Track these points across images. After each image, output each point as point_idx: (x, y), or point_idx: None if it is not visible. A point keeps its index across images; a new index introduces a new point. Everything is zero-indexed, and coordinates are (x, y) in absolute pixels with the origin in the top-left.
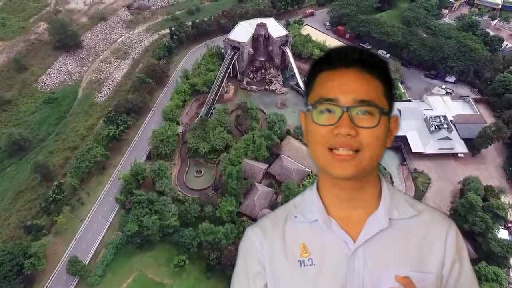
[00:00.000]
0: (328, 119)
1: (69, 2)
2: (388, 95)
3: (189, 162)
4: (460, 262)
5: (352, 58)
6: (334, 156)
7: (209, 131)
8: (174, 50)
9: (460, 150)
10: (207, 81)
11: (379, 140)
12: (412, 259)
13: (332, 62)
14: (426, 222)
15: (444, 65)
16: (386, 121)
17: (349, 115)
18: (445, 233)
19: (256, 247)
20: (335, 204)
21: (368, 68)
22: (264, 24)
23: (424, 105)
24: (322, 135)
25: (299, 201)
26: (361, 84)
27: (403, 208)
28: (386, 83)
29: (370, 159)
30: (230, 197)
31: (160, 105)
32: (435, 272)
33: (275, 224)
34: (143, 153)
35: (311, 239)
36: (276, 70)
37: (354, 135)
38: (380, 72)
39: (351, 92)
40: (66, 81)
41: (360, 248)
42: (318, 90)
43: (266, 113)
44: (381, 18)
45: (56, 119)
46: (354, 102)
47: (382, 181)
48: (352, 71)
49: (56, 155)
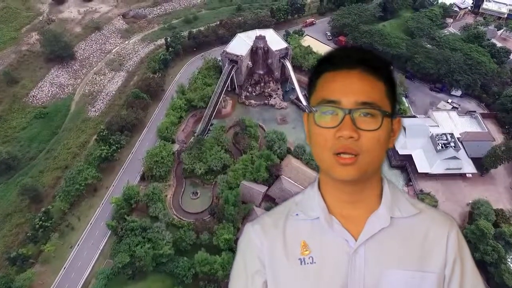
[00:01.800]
0: (330, 121)
1: (62, 11)
2: (391, 96)
3: (185, 183)
4: (462, 261)
5: (355, 59)
6: (338, 160)
7: (206, 150)
8: (170, 63)
9: (468, 170)
10: (204, 96)
11: (380, 143)
12: (413, 258)
13: (335, 62)
14: (427, 221)
15: (450, 79)
16: (388, 123)
17: (351, 118)
18: (447, 232)
19: (255, 244)
20: (336, 202)
21: (371, 69)
22: (263, 36)
23: (429, 121)
24: (325, 139)
25: (300, 199)
26: (364, 86)
27: (405, 207)
28: (389, 83)
29: (371, 162)
30: (228, 223)
31: (155, 121)
32: (437, 271)
33: (275, 221)
34: (136, 174)
35: (312, 237)
36: (276, 83)
37: (356, 138)
38: (383, 73)
39: (353, 94)
40: (59, 94)
41: (362, 246)
42: (320, 92)
43: (266, 130)
44: (383, 29)
45: (48, 135)
46: (356, 104)
47: (384, 180)
48: (355, 72)
49: (46, 175)
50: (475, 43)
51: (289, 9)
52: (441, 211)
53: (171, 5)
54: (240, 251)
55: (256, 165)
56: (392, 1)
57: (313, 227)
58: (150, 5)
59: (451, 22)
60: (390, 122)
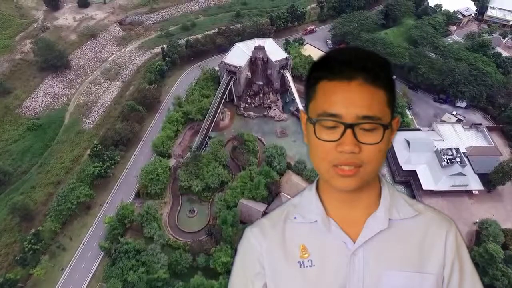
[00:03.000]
0: (331, 135)
1: (57, 17)
2: (391, 102)
3: (181, 200)
4: (461, 262)
5: (356, 66)
6: (338, 171)
7: (203, 166)
8: (167, 72)
9: (474, 187)
10: (202, 109)
11: (382, 152)
12: (412, 259)
13: (334, 71)
14: (426, 223)
15: (455, 90)
16: (389, 133)
17: (352, 132)
18: (445, 233)
19: (255, 247)
20: (334, 205)
21: (372, 78)
22: (262, 47)
23: (434, 135)
24: (325, 151)
25: (298, 201)
26: (365, 99)
27: (403, 209)
28: (389, 86)
29: (373, 171)
30: (226, 245)
31: (151, 134)
32: (435, 272)
33: (274, 224)
34: (131, 190)
35: (311, 240)
36: (275, 94)
37: (357, 152)
38: (384, 80)
39: (355, 108)
40: (52, 105)
41: (360, 249)
42: (320, 103)
43: (265, 144)
44: (386, 37)
45: (40, 148)
46: (358, 118)
47: (382, 181)
48: (355, 83)
49: (38, 191)
50: (480, 52)
51: (289, 16)
52: (440, 213)
53: (168, 11)
54: (239, 254)
55: (255, 182)
56: (394, 8)
57: (312, 230)
58: (147, 12)
59: (455, 30)
60: (391, 128)
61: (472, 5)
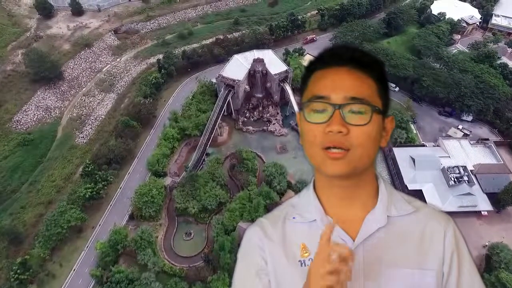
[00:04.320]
0: (320, 117)
1: (51, 26)
2: (383, 95)
3: (177, 222)
4: (459, 257)
5: (345, 56)
6: (328, 154)
7: (200, 187)
8: (163, 85)
9: (483, 208)
10: (199, 124)
11: (371, 138)
12: (411, 256)
13: (325, 61)
14: (424, 219)
15: (461, 103)
16: (379, 120)
17: (340, 113)
18: (444, 229)
19: (257, 244)
20: (332, 203)
21: (360, 67)
22: (261, 59)
23: (440, 151)
24: (315, 134)
25: (296, 201)
26: (353, 81)
27: (401, 205)
28: (380, 82)
29: (361, 157)
30: (223, 272)
31: (146, 151)
32: (435, 268)
33: (274, 224)
34: (125, 211)
35: (311, 239)
36: (275, 107)
37: (345, 132)
38: (373, 71)
39: (342, 90)
40: (45, 118)
41: (360, 246)
42: (310, 89)
43: (265, 162)
44: (389, 47)
45: (31, 165)
46: (345, 99)
47: (379, 179)
48: (344, 69)
49: (28, 211)
50: (485, 63)
51: (288, 25)
52: (438, 209)
53: (165, 19)
54: (242, 251)
55: (254, 204)
56: (397, 16)
57: (311, 229)
58: (143, 20)
59: (459, 39)
60: (382, 119)
61: (477, 12)
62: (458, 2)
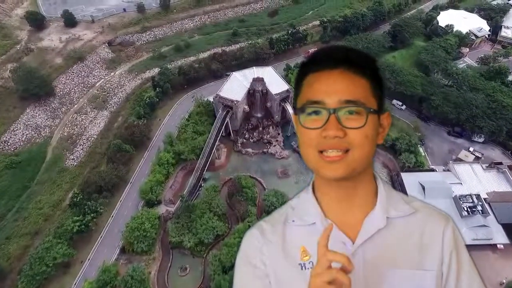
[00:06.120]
0: (315, 122)
1: (42, 38)
2: (377, 93)
3: (172, 255)
4: (458, 256)
5: (337, 58)
6: (324, 158)
7: (196, 218)
8: (158, 104)
9: (499, 240)
10: (195, 148)
11: (368, 139)
12: (412, 257)
13: (318, 63)
14: (423, 219)
15: (472, 124)
16: (375, 119)
17: (336, 117)
18: (443, 229)
19: (256, 247)
20: (331, 206)
21: (353, 68)
22: (261, 79)
23: (450, 177)
24: (311, 138)
25: (295, 204)
26: (347, 84)
27: (400, 206)
28: (374, 80)
29: (360, 158)
30: None
31: (140, 176)
32: (435, 269)
33: (273, 227)
34: (116, 244)
35: (311, 242)
36: (276, 128)
37: (342, 136)
38: (366, 70)
39: (336, 93)
40: (34, 138)
41: (360, 248)
42: (304, 93)
43: (265, 188)
44: (395, 62)
45: (19, 190)
46: (340, 103)
47: (378, 180)
48: (337, 71)
49: (13, 242)
50: (496, 79)
51: (289, 39)
52: (437, 209)
53: (161, 30)
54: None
55: None
56: (402, 29)
57: (311, 232)
58: (138, 31)
59: (467, 52)
60: (377, 118)
61: (485, 24)
62: (466, 13)
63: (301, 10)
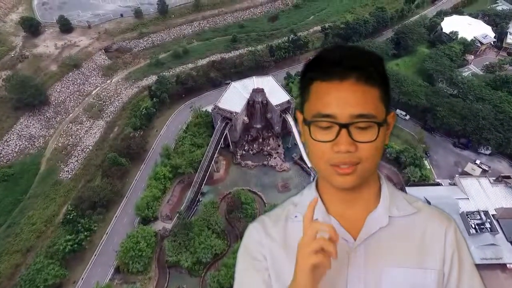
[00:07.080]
0: (326, 135)
1: (37, 44)
2: (385, 97)
3: (169, 274)
4: (460, 257)
5: (348, 66)
6: (336, 170)
7: (194, 236)
8: (155, 114)
9: (508, 260)
10: (193, 161)
11: (378, 150)
12: (412, 256)
13: (326, 70)
14: (425, 219)
15: (479, 136)
16: (384, 129)
17: (347, 131)
18: (445, 229)
19: (258, 241)
20: (334, 203)
21: (365, 77)
22: (261, 89)
23: (457, 192)
24: (322, 151)
25: (298, 200)
26: (358, 97)
27: (403, 206)
28: (383, 84)
29: (370, 168)
30: None
31: (136, 190)
32: (436, 268)
33: (275, 223)
34: (111, 263)
35: None
36: (276, 139)
37: (353, 151)
38: (376, 76)
39: (348, 107)
40: (27, 149)
41: (361, 246)
42: (314, 104)
43: (265, 203)
44: (398, 70)
45: (11, 204)
46: (352, 117)
47: (381, 179)
48: (348, 83)
49: (4, 260)
50: (503, 89)
51: (290, 46)
52: (439, 209)
53: (159, 36)
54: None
55: None
56: (406, 36)
57: None
58: (135, 37)
59: (472, 59)
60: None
61: (490, 30)
62: (471, 19)
63: (301, 15)
